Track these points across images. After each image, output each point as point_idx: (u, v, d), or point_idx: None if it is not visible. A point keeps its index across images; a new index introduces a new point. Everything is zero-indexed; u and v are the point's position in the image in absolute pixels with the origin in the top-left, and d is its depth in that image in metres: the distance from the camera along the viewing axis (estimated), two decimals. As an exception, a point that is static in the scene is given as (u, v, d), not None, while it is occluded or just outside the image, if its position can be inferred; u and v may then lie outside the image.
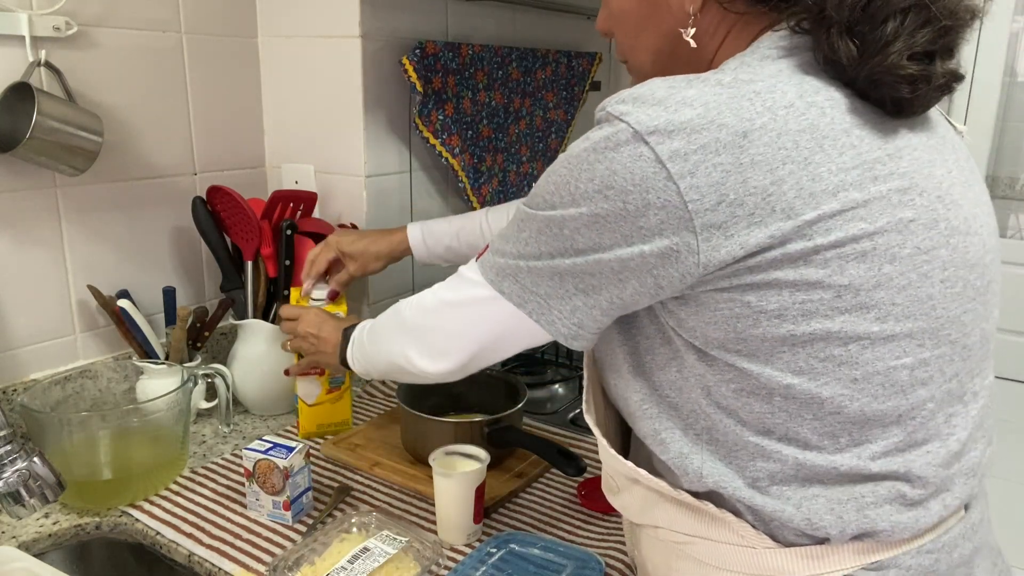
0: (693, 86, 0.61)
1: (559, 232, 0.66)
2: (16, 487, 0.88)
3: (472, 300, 0.76)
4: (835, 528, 0.65)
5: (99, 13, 1.18)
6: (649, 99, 0.61)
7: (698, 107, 0.59)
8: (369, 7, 1.30)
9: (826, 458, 0.65)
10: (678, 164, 0.58)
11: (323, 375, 1.23)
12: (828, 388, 0.62)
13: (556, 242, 0.66)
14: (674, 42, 0.73)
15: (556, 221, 0.65)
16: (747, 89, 0.61)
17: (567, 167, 0.65)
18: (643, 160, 0.59)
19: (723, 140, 0.58)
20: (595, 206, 0.62)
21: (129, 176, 1.26)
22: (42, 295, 1.18)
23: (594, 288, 0.66)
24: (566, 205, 0.64)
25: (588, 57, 1.82)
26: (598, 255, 0.64)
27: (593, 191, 0.62)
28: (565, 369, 1.55)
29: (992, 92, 2.52)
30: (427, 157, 1.50)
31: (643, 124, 0.60)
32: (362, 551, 0.91)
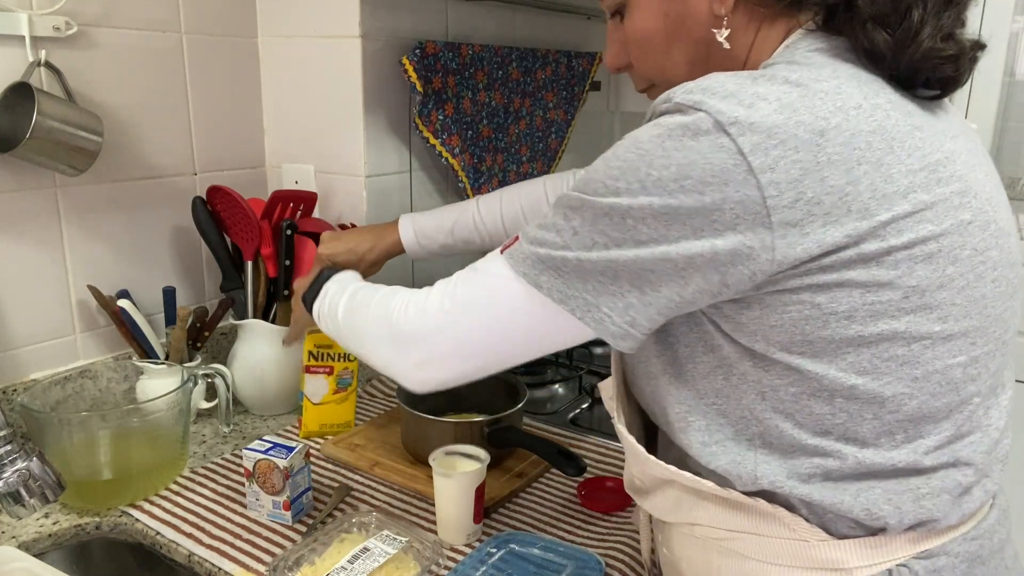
0: (759, 83, 0.61)
1: (620, 221, 0.62)
2: (16, 487, 0.88)
3: (497, 297, 0.70)
4: (894, 517, 0.66)
5: (99, 13, 1.18)
6: (720, 91, 0.60)
7: (773, 102, 0.59)
8: (369, 7, 1.30)
9: (883, 455, 0.65)
10: (759, 158, 0.58)
11: (332, 374, 1.23)
12: (890, 387, 0.64)
13: (615, 232, 0.62)
14: (708, 48, 0.72)
15: (619, 209, 0.62)
16: (816, 88, 0.61)
17: (635, 152, 0.61)
18: (724, 151, 0.58)
19: (801, 137, 0.58)
20: (668, 196, 0.60)
21: (129, 176, 1.26)
22: (42, 295, 1.18)
23: (652, 284, 0.63)
24: (634, 193, 0.61)
25: (588, 57, 1.82)
26: (664, 248, 0.61)
27: (668, 179, 0.59)
28: (565, 369, 1.55)
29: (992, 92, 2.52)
30: (427, 157, 1.50)
31: (724, 114, 0.58)
32: (362, 551, 0.91)
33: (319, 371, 1.23)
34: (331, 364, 1.23)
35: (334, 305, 0.89)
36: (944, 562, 0.68)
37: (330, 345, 1.22)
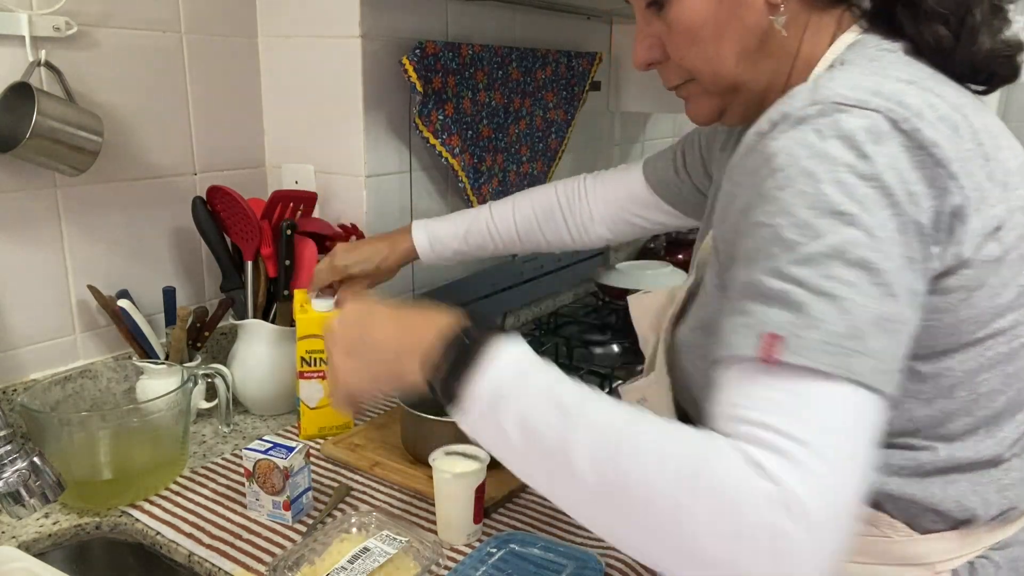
0: (883, 82, 0.59)
1: (851, 260, 0.53)
2: (16, 487, 0.88)
3: (835, 424, 0.51)
4: (981, 508, 0.67)
5: (99, 13, 1.18)
6: (863, 89, 0.58)
7: (915, 99, 0.58)
8: (369, 7, 1.30)
9: (970, 448, 0.66)
10: (942, 152, 0.57)
11: (325, 379, 1.23)
12: (986, 384, 0.64)
13: (868, 277, 0.53)
14: (762, 37, 0.69)
15: (846, 248, 0.53)
16: (927, 86, 0.60)
17: (812, 178, 0.55)
18: (911, 152, 0.56)
19: (952, 133, 0.58)
20: (881, 211, 0.55)
21: (129, 176, 1.26)
22: (42, 295, 1.18)
23: (900, 316, 0.55)
24: (850, 222, 0.54)
25: (588, 57, 1.82)
26: (899, 271, 0.55)
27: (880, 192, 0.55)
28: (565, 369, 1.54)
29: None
30: (427, 157, 1.50)
31: (895, 112, 0.56)
32: (362, 551, 0.91)
33: (312, 376, 1.22)
34: (324, 369, 1.23)
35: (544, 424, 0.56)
36: (1019, 552, 0.69)
37: (322, 350, 1.21)
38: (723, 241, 0.65)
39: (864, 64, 0.63)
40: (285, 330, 1.28)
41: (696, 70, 0.73)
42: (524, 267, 1.78)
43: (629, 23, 1.95)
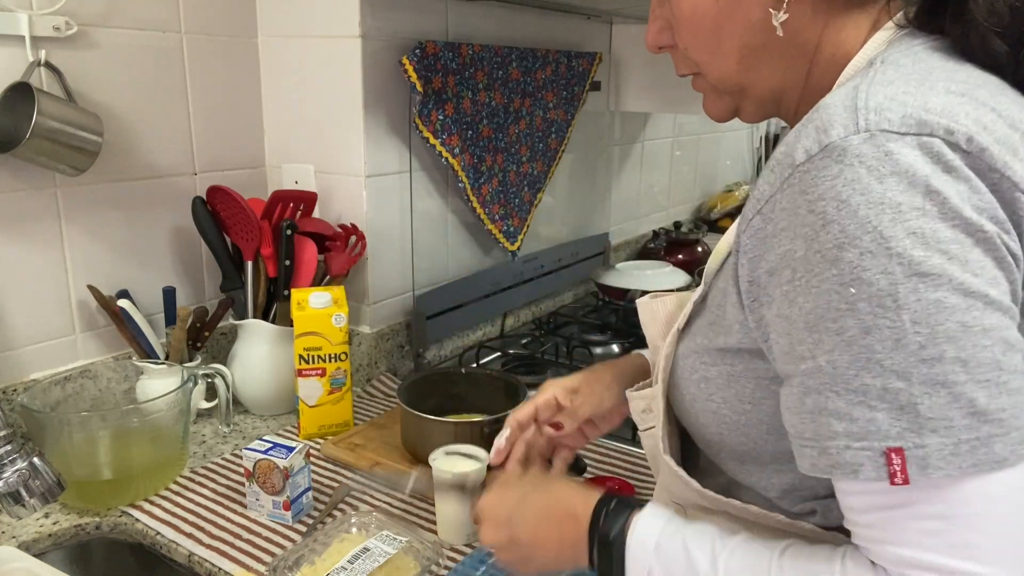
0: (930, 94, 0.51)
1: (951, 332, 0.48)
2: (16, 487, 0.88)
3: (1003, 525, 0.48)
4: None
5: (99, 13, 1.18)
6: (911, 106, 0.50)
7: (968, 118, 0.50)
8: (369, 7, 1.30)
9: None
10: (1017, 174, 0.50)
11: (324, 376, 1.23)
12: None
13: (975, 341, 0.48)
14: (766, 34, 0.62)
15: (940, 318, 0.47)
16: (978, 97, 0.52)
17: (878, 233, 0.47)
18: (984, 176, 0.49)
19: (1012, 158, 0.50)
20: (971, 251, 0.48)
21: (129, 176, 1.26)
22: (42, 295, 1.18)
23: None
24: (937, 282, 0.47)
25: (588, 57, 1.82)
26: (1008, 312, 0.49)
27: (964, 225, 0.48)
28: (565, 369, 1.55)
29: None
30: (427, 157, 1.50)
31: (955, 134, 0.49)
32: (362, 551, 0.91)
33: (311, 374, 1.22)
34: (323, 366, 1.23)
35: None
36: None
37: (320, 347, 1.22)
38: (748, 280, 0.57)
39: (908, 66, 0.55)
40: (285, 330, 1.28)
41: (700, 63, 0.68)
42: (524, 267, 1.78)
43: (629, 23, 1.95)
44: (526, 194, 1.73)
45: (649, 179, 2.35)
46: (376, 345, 1.45)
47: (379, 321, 1.46)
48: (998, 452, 0.46)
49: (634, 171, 2.24)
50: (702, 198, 2.74)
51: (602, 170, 2.08)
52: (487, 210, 1.62)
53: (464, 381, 1.27)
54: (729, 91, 0.68)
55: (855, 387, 0.49)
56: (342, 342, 1.23)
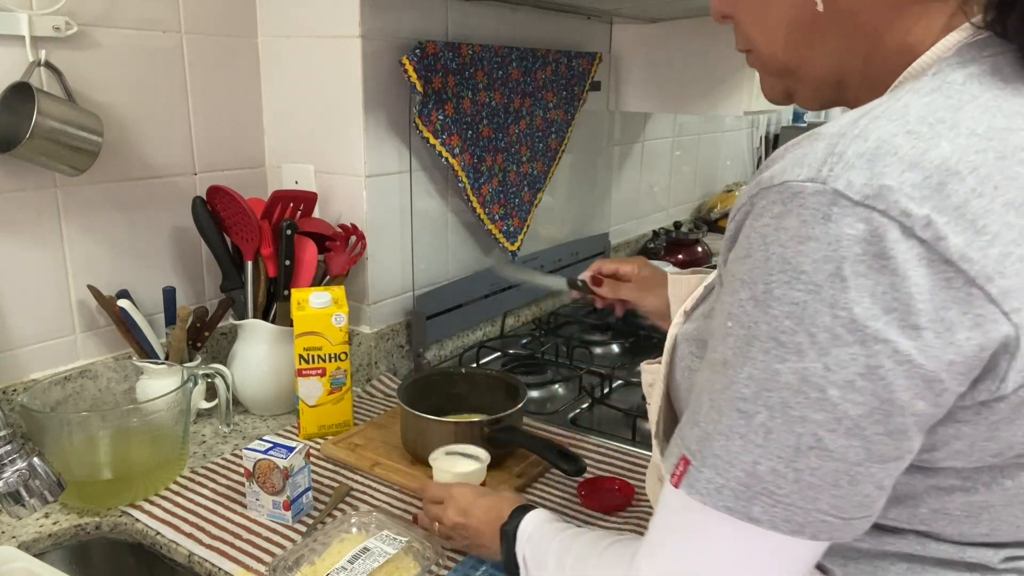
0: (943, 138, 0.46)
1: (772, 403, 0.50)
2: (16, 487, 0.88)
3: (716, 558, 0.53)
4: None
5: (99, 13, 1.18)
6: (898, 159, 0.46)
7: (973, 176, 0.45)
8: (369, 7, 1.30)
9: (953, 549, 0.57)
10: (977, 267, 0.45)
11: (324, 376, 1.23)
12: (992, 512, 0.55)
13: (787, 424, 0.50)
14: (814, 10, 0.57)
15: (769, 386, 0.50)
16: (1013, 143, 0.47)
17: (768, 287, 0.48)
18: (932, 267, 0.45)
19: (1011, 222, 0.46)
20: (840, 350, 0.47)
21: (129, 176, 1.26)
22: (42, 295, 1.18)
23: (821, 470, 0.51)
24: (783, 358, 0.48)
25: (588, 57, 1.82)
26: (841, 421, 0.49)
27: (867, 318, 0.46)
28: (565, 369, 1.55)
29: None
30: (427, 157, 1.50)
31: (913, 216, 0.44)
32: (362, 551, 0.91)
33: (311, 373, 1.22)
34: (323, 366, 1.23)
35: (537, 562, 0.78)
36: None
37: (320, 347, 1.22)
38: (721, 274, 0.59)
39: (955, 86, 0.50)
40: (285, 330, 1.28)
41: (751, 38, 0.64)
42: (524, 267, 1.78)
43: (629, 23, 1.95)
44: (526, 194, 1.73)
45: (649, 179, 2.35)
46: (376, 345, 1.45)
47: (379, 321, 1.46)
48: (755, 514, 0.50)
49: (634, 171, 2.24)
50: (702, 198, 2.74)
51: (602, 170, 2.08)
52: (487, 210, 1.62)
53: (464, 381, 1.27)
54: (778, 72, 0.64)
55: (699, 398, 0.54)
56: (342, 342, 1.23)
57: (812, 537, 0.50)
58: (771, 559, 0.52)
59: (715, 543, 0.52)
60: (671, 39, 1.90)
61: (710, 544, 0.53)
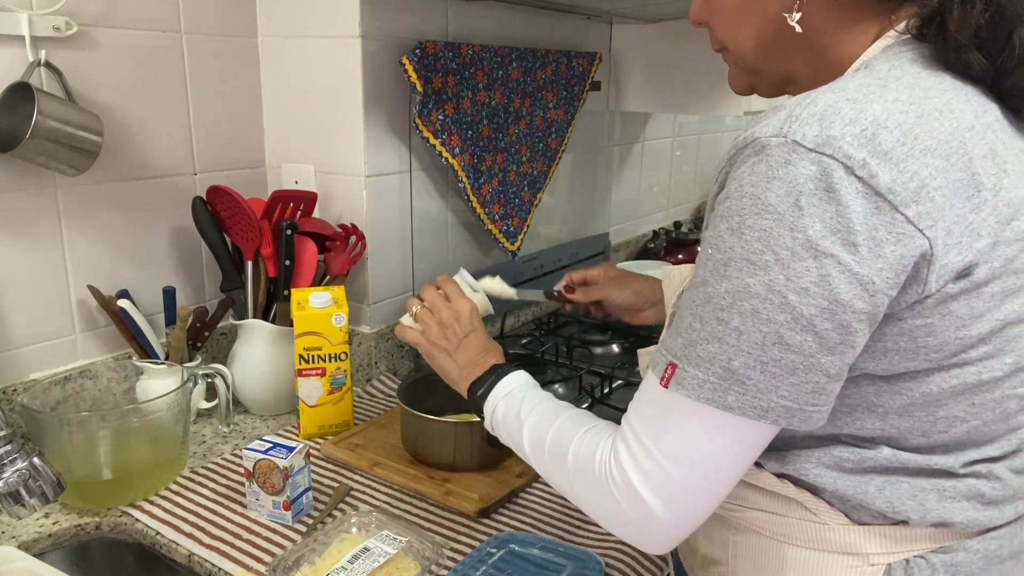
0: (875, 103, 0.58)
1: (744, 310, 0.60)
2: (16, 487, 0.88)
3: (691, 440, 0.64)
4: (916, 513, 0.66)
5: (99, 13, 1.18)
6: (839, 118, 0.57)
7: (897, 130, 0.57)
8: (369, 7, 1.30)
9: (920, 458, 0.66)
10: (899, 197, 0.57)
11: (324, 376, 1.23)
12: (946, 410, 0.64)
13: (756, 325, 0.60)
14: (779, 27, 0.70)
15: (742, 296, 0.60)
16: (928, 107, 0.59)
17: (742, 218, 0.59)
18: (867, 198, 0.56)
19: (942, 163, 0.58)
20: (799, 263, 0.58)
21: (129, 176, 1.26)
22: (42, 295, 1.18)
23: (791, 362, 0.62)
24: (753, 272, 0.59)
25: (588, 57, 1.82)
26: (800, 320, 0.60)
27: (818, 239, 0.58)
28: (565, 369, 1.55)
29: None
30: (427, 157, 1.50)
31: (853, 158, 0.56)
32: (362, 551, 0.91)
33: (311, 373, 1.22)
34: (323, 366, 1.23)
35: (512, 428, 0.84)
36: (962, 557, 0.68)
37: (320, 347, 1.22)
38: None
39: (882, 72, 0.62)
40: (285, 330, 1.28)
41: (724, 42, 0.76)
42: (524, 267, 1.78)
43: (629, 23, 1.95)
44: (526, 194, 1.73)
45: (649, 179, 2.35)
46: (376, 345, 1.45)
47: (379, 321, 1.46)
48: (729, 402, 0.61)
49: (634, 171, 2.24)
50: (702, 198, 2.74)
51: (602, 170, 2.08)
52: (487, 210, 1.62)
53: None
54: (747, 70, 0.77)
55: (682, 315, 0.64)
56: (342, 342, 1.23)
57: (773, 421, 0.61)
58: (733, 442, 0.63)
59: (691, 430, 0.63)
60: (671, 39, 1.90)
61: (687, 431, 0.63)
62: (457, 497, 1.06)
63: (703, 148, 2.66)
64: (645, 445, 0.65)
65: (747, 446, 0.63)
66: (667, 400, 0.64)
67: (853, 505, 0.68)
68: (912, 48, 0.65)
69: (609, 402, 1.41)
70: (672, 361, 0.63)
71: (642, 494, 0.65)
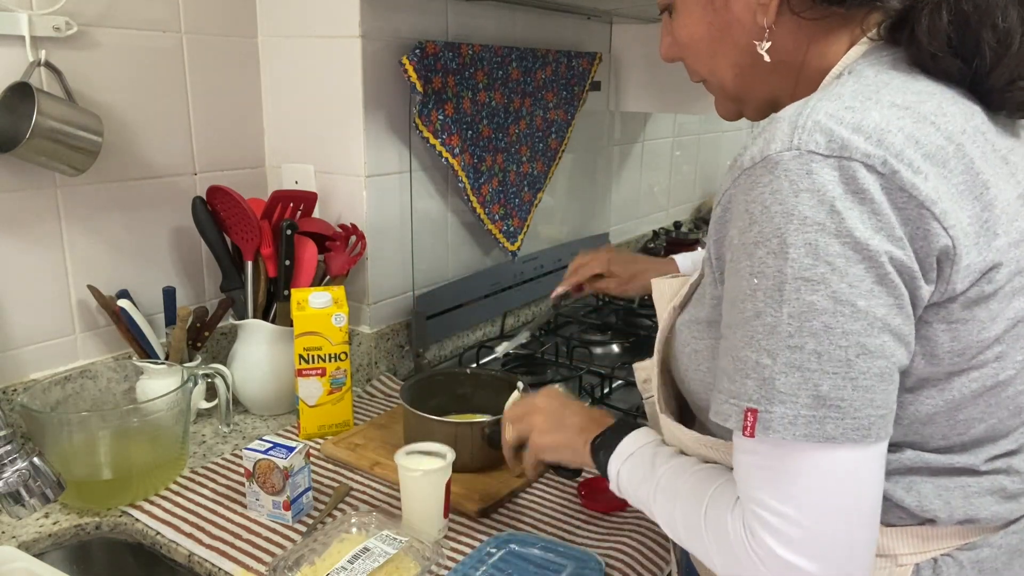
0: (872, 109, 0.58)
1: (815, 329, 0.58)
2: (16, 487, 0.88)
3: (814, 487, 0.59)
4: (944, 512, 0.67)
5: (99, 13, 1.18)
6: (844, 125, 0.57)
7: (900, 134, 0.58)
8: (369, 7, 1.30)
9: (942, 458, 0.67)
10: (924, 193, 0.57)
11: (324, 376, 1.23)
12: (965, 413, 0.65)
13: (832, 341, 0.58)
14: (754, 55, 0.71)
15: (809, 316, 0.58)
16: (923, 111, 0.60)
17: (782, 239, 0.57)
18: (891, 194, 0.57)
19: (941, 169, 0.58)
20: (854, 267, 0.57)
21: (129, 176, 1.26)
22: (42, 295, 1.18)
23: (876, 368, 0.60)
24: (814, 289, 0.57)
25: (588, 57, 1.82)
26: (874, 324, 0.59)
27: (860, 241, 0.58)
28: (565, 369, 1.54)
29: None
30: (427, 157, 1.50)
31: (873, 157, 0.56)
32: (362, 551, 0.91)
33: (311, 373, 1.22)
34: (323, 366, 1.23)
35: (639, 489, 0.78)
36: (987, 553, 0.69)
37: (320, 347, 1.21)
38: (715, 257, 0.67)
39: (869, 78, 0.63)
40: (285, 330, 1.28)
41: (703, 75, 0.78)
42: (524, 267, 1.78)
43: (629, 23, 1.95)
44: (526, 194, 1.73)
45: (649, 179, 2.35)
46: (376, 345, 1.45)
47: (379, 321, 1.46)
48: (829, 431, 0.57)
49: (634, 171, 2.24)
50: (702, 198, 2.74)
51: (602, 170, 2.08)
52: (487, 210, 1.62)
53: (467, 381, 1.27)
54: (731, 98, 0.78)
55: (741, 357, 0.60)
56: (342, 342, 1.23)
57: (876, 438, 0.58)
58: (848, 474, 0.58)
59: (801, 476, 0.58)
60: (671, 39, 1.90)
61: (797, 478, 0.58)
62: (457, 497, 1.06)
63: (703, 148, 2.66)
64: (770, 507, 0.60)
65: (866, 470, 0.59)
66: (762, 451, 0.60)
67: (882, 506, 0.67)
68: (890, 53, 0.66)
69: (609, 402, 1.41)
70: (750, 407, 0.59)
71: (791, 561, 0.59)
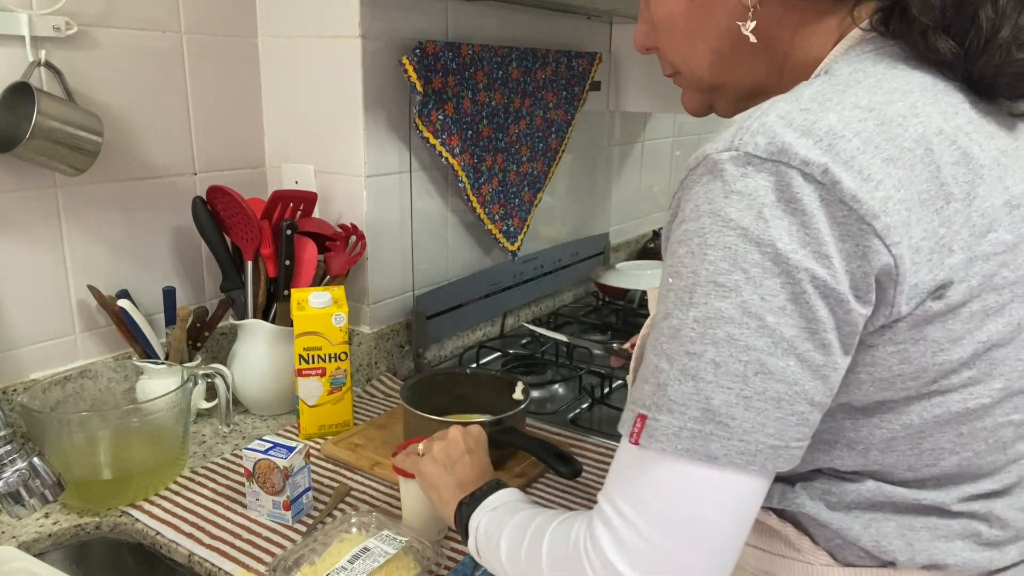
0: (831, 112, 0.54)
1: (718, 338, 0.54)
2: (16, 487, 0.88)
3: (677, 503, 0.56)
4: (904, 554, 0.61)
5: (99, 13, 1.18)
6: (793, 128, 0.53)
7: (856, 138, 0.53)
8: (369, 7, 1.30)
9: (908, 492, 0.62)
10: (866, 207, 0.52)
11: (324, 376, 1.23)
12: (932, 442, 0.60)
13: (734, 354, 0.54)
14: (735, 39, 0.66)
15: (714, 323, 0.54)
16: (890, 112, 0.54)
17: (703, 239, 0.53)
18: (829, 207, 0.52)
19: (905, 173, 0.53)
20: (770, 280, 0.53)
21: (129, 176, 1.26)
22: (42, 295, 1.18)
23: (776, 392, 0.56)
24: (724, 295, 0.53)
25: (588, 57, 1.82)
26: (779, 344, 0.55)
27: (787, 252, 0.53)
28: (565, 369, 1.55)
29: None
30: (427, 157, 1.50)
31: (812, 165, 0.52)
32: (362, 551, 0.91)
33: (311, 374, 1.22)
34: (323, 366, 1.23)
35: (492, 541, 0.75)
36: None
37: (320, 347, 1.22)
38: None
39: (842, 77, 0.58)
40: (285, 330, 1.28)
41: (676, 64, 0.73)
42: (524, 267, 1.78)
43: (629, 23, 1.95)
44: (526, 194, 1.73)
45: (649, 179, 2.35)
46: (376, 345, 1.45)
47: (379, 321, 1.46)
48: (712, 450, 0.53)
49: (634, 171, 2.24)
50: (702, 198, 2.74)
51: (602, 170, 2.08)
52: (487, 210, 1.62)
53: (467, 381, 1.27)
54: (704, 89, 0.73)
55: (647, 359, 0.57)
56: (342, 342, 1.23)
57: (761, 467, 0.54)
58: (725, 497, 0.55)
59: (663, 486, 0.55)
60: (671, 39, 1.90)
61: (659, 487, 0.55)
62: (457, 497, 1.06)
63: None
64: (622, 512, 0.57)
65: (739, 501, 0.56)
66: (639, 458, 0.56)
67: (837, 543, 0.63)
68: (876, 46, 0.60)
69: (609, 402, 1.41)
70: (641, 412, 0.56)
71: (619, 569, 0.56)
